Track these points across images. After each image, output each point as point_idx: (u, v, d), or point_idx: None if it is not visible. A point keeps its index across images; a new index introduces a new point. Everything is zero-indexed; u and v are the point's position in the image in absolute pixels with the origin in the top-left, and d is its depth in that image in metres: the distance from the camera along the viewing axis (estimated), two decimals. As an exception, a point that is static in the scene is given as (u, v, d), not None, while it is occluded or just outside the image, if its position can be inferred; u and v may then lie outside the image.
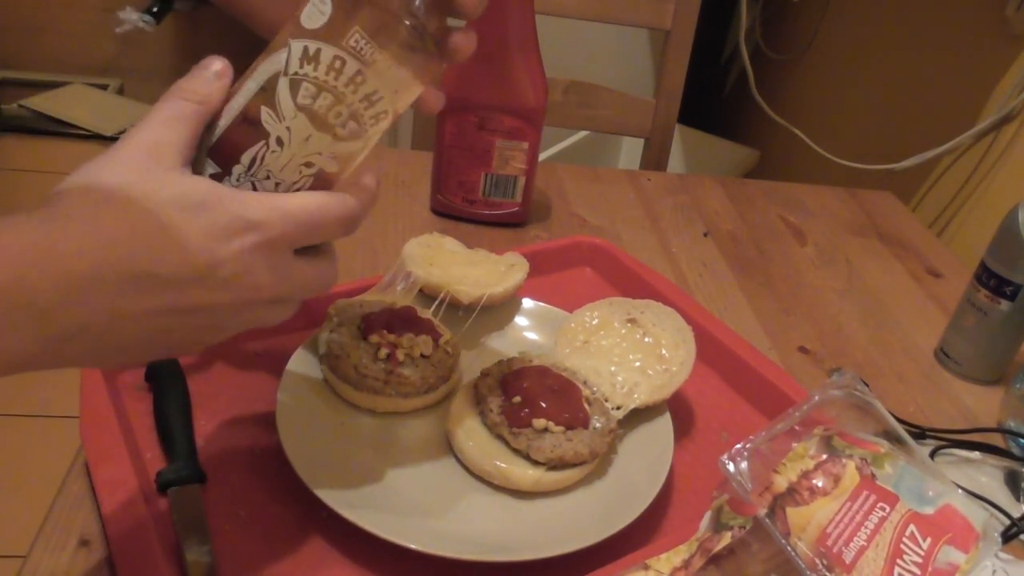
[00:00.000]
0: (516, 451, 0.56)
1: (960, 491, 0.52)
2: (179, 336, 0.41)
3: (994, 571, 0.55)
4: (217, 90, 0.43)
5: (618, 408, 0.60)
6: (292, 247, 0.43)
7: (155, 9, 0.51)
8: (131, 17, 0.51)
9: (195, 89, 0.43)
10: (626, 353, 0.64)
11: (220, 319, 0.42)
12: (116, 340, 0.39)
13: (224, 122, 0.43)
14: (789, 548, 0.45)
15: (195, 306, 0.40)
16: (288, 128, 0.42)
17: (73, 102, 2.68)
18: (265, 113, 0.42)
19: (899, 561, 0.46)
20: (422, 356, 0.60)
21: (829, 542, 0.46)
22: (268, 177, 0.43)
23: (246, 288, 0.41)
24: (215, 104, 0.43)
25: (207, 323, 0.42)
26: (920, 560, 0.47)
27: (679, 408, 0.66)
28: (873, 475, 0.50)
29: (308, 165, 0.43)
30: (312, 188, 0.44)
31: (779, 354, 0.78)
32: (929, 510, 0.50)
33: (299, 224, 0.42)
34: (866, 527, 0.47)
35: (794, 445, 0.50)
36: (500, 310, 0.71)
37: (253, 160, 0.43)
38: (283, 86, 0.42)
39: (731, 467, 0.48)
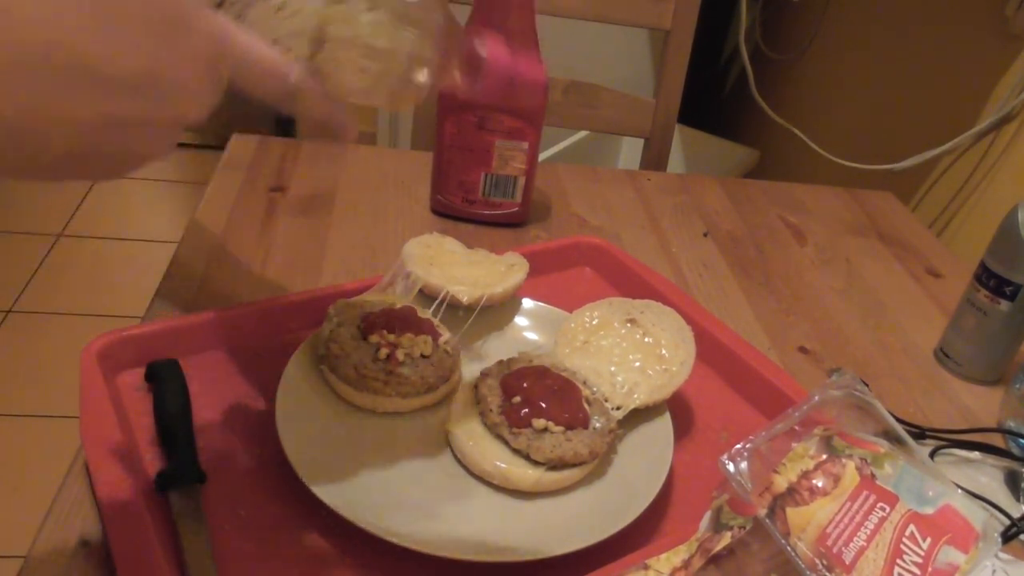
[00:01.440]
0: (516, 451, 0.56)
1: (960, 491, 0.52)
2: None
3: (994, 571, 0.55)
4: None
5: (618, 408, 0.60)
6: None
7: None
8: None
9: None
10: (626, 353, 0.64)
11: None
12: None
13: None
14: (789, 548, 0.45)
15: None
16: None
17: (73, 102, 2.67)
18: None
19: (899, 561, 0.46)
20: (422, 356, 0.60)
21: (829, 542, 0.46)
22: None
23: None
24: None
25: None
26: (920, 560, 0.47)
27: (679, 408, 0.66)
28: (873, 475, 0.50)
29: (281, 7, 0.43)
30: None
31: (779, 354, 0.78)
32: (929, 510, 0.50)
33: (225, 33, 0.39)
34: (866, 527, 0.47)
35: (794, 445, 0.50)
36: (500, 310, 0.71)
37: None
38: None
39: (731, 467, 0.48)
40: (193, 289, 0.74)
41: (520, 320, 0.72)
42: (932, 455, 0.68)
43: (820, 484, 0.48)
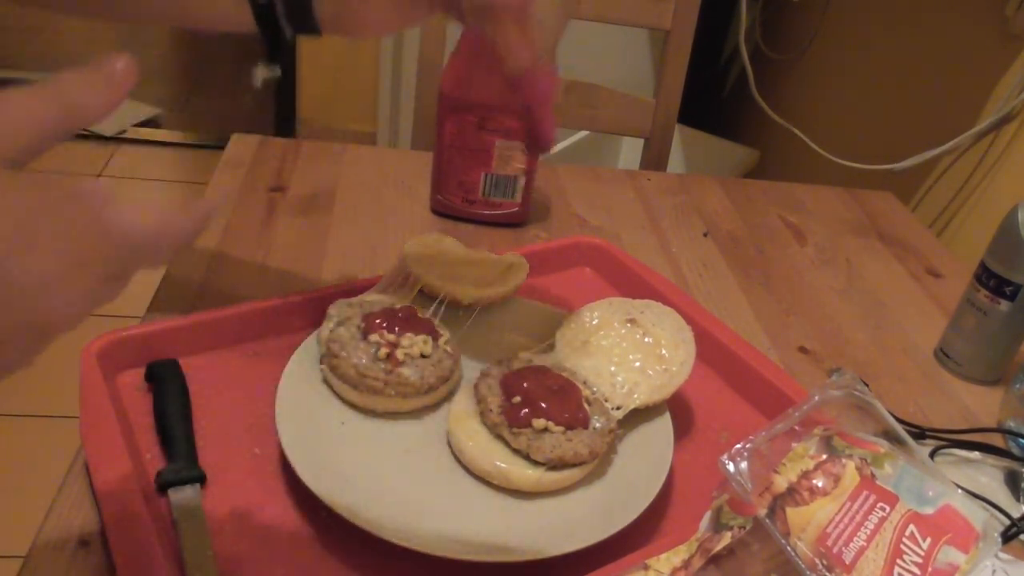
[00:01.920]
0: (516, 451, 0.56)
1: (960, 491, 0.52)
2: None
3: (994, 571, 0.54)
4: (101, 103, 0.33)
5: (618, 408, 0.60)
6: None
7: (274, 55, 0.55)
8: (262, 72, 0.56)
9: (70, 92, 0.33)
10: (626, 353, 0.64)
11: None
12: None
13: None
14: (789, 548, 0.45)
15: None
16: None
17: (73, 102, 2.67)
18: None
19: (899, 561, 0.46)
20: (422, 356, 0.60)
21: (829, 542, 0.46)
22: None
23: None
24: (82, 116, 0.33)
25: None
26: (920, 560, 0.47)
27: (679, 408, 0.66)
28: (873, 475, 0.50)
29: None
30: None
31: (779, 354, 0.78)
32: (929, 510, 0.50)
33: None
34: (866, 527, 0.47)
35: (794, 445, 0.50)
36: (500, 310, 0.71)
37: None
38: None
39: (731, 467, 0.48)
40: (193, 289, 0.74)
41: (520, 320, 0.72)
42: (932, 455, 0.68)
43: (820, 484, 0.48)
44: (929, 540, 0.48)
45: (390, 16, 0.57)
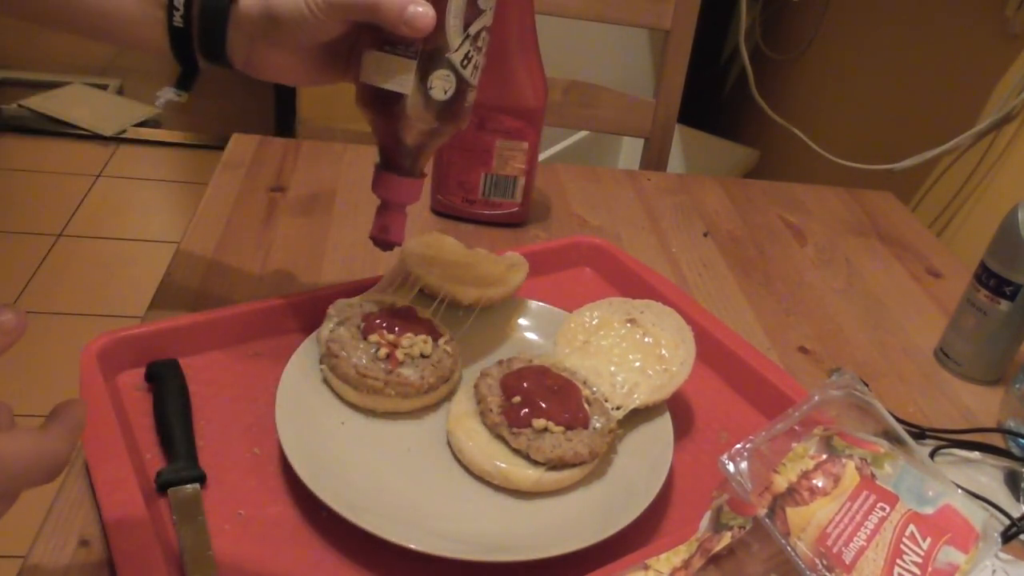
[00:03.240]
0: (516, 451, 0.56)
1: (960, 491, 0.52)
2: None
3: (994, 571, 0.55)
4: None
5: (618, 408, 0.60)
6: None
7: (183, 80, 0.58)
8: (167, 94, 0.57)
9: None
10: (626, 353, 0.64)
11: None
12: None
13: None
14: (789, 548, 0.45)
15: None
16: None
17: (73, 102, 2.68)
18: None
19: (899, 561, 0.46)
20: (422, 356, 0.60)
21: (829, 542, 0.46)
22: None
23: None
24: None
25: None
26: (920, 560, 0.47)
27: (679, 408, 0.66)
28: (873, 475, 0.50)
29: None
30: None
31: (779, 354, 0.78)
32: (929, 510, 0.50)
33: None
34: (866, 527, 0.47)
35: (794, 445, 0.50)
36: (500, 310, 0.71)
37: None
38: None
39: (731, 467, 0.48)
40: (193, 289, 0.74)
41: (520, 320, 0.72)
42: (932, 455, 0.68)
43: (820, 484, 0.48)
44: (929, 540, 0.48)
45: (300, 73, 0.59)
